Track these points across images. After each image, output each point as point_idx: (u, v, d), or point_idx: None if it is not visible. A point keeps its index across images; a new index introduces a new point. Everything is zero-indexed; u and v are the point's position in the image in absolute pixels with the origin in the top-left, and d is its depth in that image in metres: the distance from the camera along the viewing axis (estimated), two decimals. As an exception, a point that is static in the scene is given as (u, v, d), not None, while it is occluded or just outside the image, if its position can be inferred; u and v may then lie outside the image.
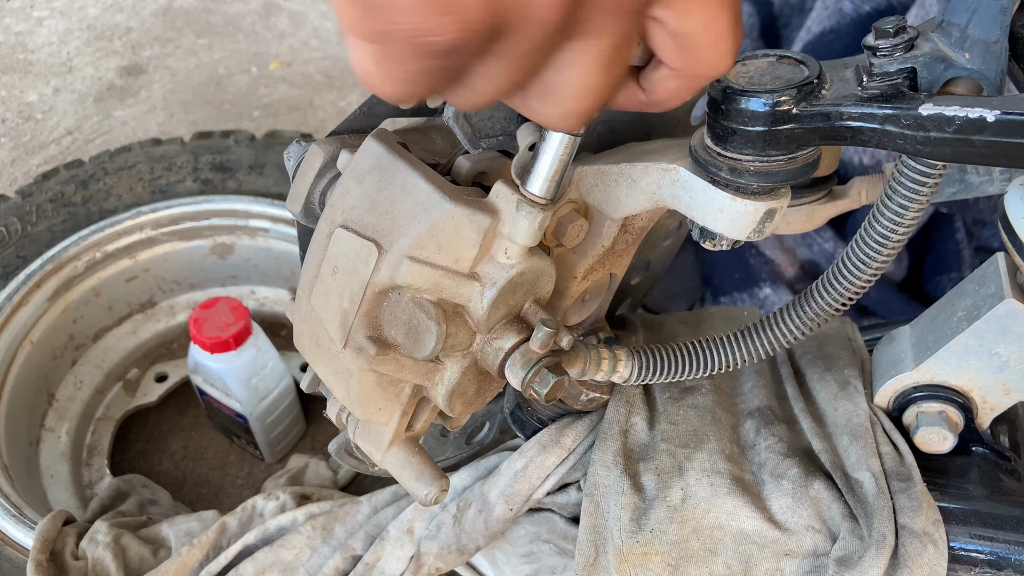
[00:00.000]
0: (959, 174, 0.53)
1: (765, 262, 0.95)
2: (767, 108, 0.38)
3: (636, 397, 0.55)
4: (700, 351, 0.49)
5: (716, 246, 0.44)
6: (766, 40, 1.07)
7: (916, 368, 0.52)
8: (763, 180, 0.40)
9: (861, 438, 0.52)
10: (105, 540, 0.63)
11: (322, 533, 0.59)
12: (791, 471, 0.50)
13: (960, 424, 0.52)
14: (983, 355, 0.49)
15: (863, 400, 0.54)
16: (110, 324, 0.96)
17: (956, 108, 0.35)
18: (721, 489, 0.50)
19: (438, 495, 0.45)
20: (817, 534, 0.49)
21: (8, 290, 0.85)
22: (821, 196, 0.55)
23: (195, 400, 0.91)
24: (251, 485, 0.88)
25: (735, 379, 0.59)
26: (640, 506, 0.50)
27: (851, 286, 0.45)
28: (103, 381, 0.93)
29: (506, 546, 0.58)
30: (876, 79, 0.38)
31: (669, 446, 0.53)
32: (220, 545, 0.61)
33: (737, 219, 0.41)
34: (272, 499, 0.64)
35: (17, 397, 0.84)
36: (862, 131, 0.38)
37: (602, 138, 0.51)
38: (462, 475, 0.57)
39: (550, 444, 0.53)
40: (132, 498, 0.75)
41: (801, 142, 0.39)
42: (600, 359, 0.47)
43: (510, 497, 0.53)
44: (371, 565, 0.56)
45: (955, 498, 0.51)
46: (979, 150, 0.35)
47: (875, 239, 0.43)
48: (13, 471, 0.78)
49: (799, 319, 0.47)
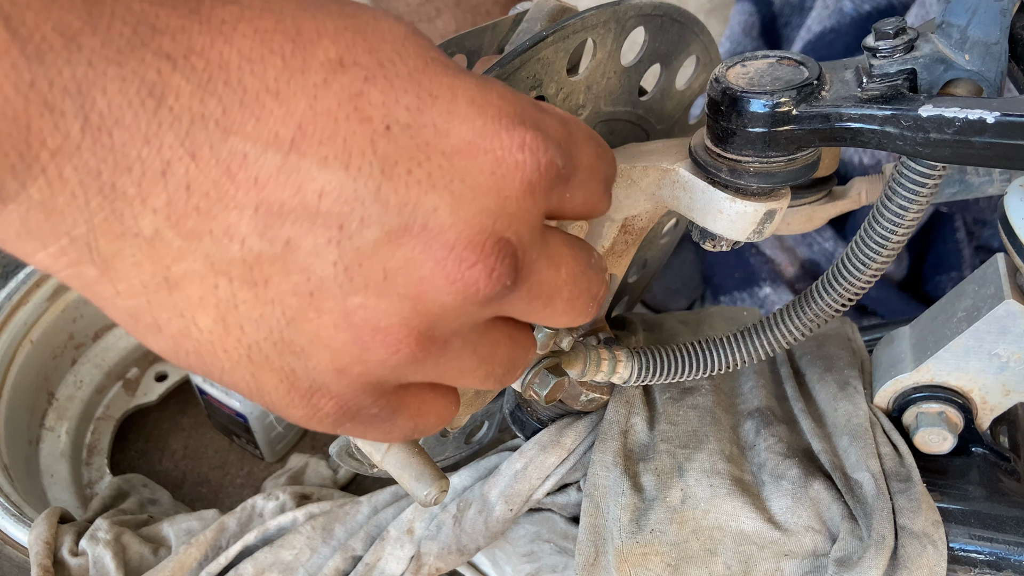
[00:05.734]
0: (959, 175, 0.53)
1: (765, 261, 0.95)
2: (767, 109, 0.38)
3: (636, 398, 0.55)
4: (700, 352, 0.49)
5: (716, 247, 0.44)
6: (766, 39, 1.07)
7: (916, 369, 0.52)
8: (763, 181, 0.40)
9: (861, 439, 0.52)
10: (106, 538, 0.63)
11: (322, 533, 0.59)
12: (791, 472, 0.50)
13: (960, 425, 0.52)
14: (983, 356, 0.49)
15: (863, 401, 0.54)
16: (110, 323, 0.96)
17: (956, 110, 0.35)
18: (721, 490, 0.50)
19: (438, 496, 0.44)
20: (817, 535, 0.49)
21: (8, 289, 0.85)
22: (821, 197, 0.55)
23: (195, 399, 0.91)
24: (251, 484, 0.88)
25: (735, 379, 0.59)
26: (640, 506, 0.50)
27: (851, 287, 0.45)
28: (103, 380, 0.93)
29: (507, 545, 0.58)
30: (876, 80, 0.38)
31: (669, 447, 0.53)
32: (219, 545, 0.61)
33: (737, 220, 0.41)
34: (272, 499, 0.64)
35: (17, 396, 0.84)
36: (862, 132, 0.38)
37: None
38: (462, 475, 0.57)
39: (550, 445, 0.53)
40: (132, 497, 0.75)
41: (801, 143, 0.39)
42: (600, 360, 0.47)
43: (510, 497, 0.53)
44: (371, 565, 0.56)
45: (955, 499, 0.51)
46: (979, 152, 0.35)
47: (875, 240, 0.43)
48: (13, 470, 0.78)
49: (799, 320, 0.47)
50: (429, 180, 0.25)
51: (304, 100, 0.24)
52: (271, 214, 0.24)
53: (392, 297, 0.26)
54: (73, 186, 0.23)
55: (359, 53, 0.25)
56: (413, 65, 0.26)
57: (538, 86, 0.44)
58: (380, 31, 0.26)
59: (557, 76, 0.44)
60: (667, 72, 0.52)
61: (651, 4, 0.47)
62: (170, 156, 0.23)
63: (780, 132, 0.38)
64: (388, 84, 0.25)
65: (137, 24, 0.22)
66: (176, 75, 0.23)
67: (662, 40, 0.49)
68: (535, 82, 0.43)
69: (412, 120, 0.25)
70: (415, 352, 0.27)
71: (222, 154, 0.23)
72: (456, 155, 0.26)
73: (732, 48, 1.05)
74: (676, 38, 0.50)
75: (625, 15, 0.46)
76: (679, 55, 0.51)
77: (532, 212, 0.27)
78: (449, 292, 0.26)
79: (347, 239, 0.25)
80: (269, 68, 0.24)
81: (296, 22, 0.24)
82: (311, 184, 0.24)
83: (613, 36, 0.46)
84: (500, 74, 0.41)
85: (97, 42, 0.22)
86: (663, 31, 0.49)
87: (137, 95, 0.22)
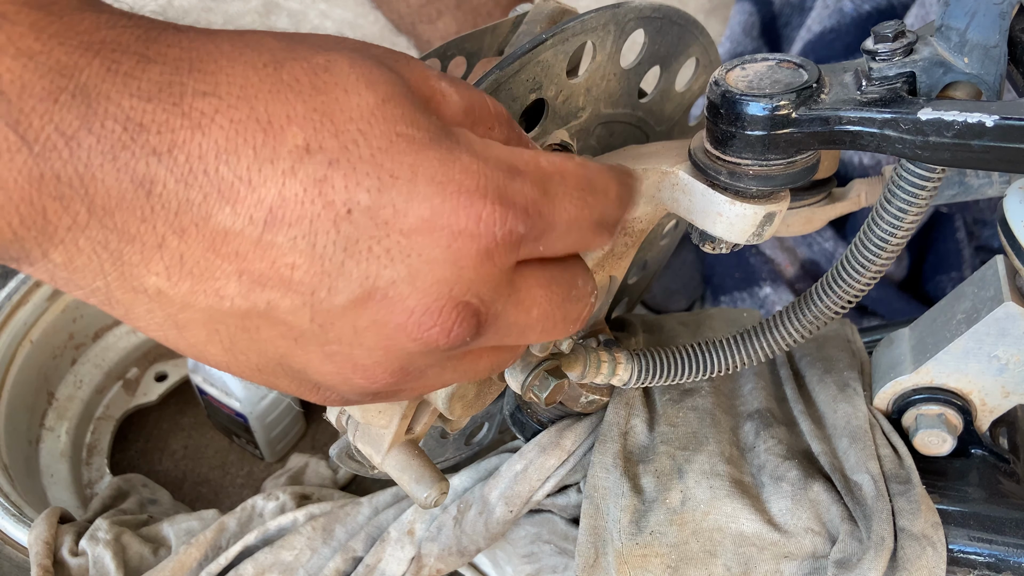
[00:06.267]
0: (958, 176, 0.53)
1: (765, 261, 0.95)
2: (766, 112, 0.38)
3: (636, 399, 0.55)
4: (700, 354, 0.49)
5: (715, 249, 0.44)
6: (766, 39, 1.07)
7: (915, 370, 0.52)
8: (762, 184, 0.40)
9: (860, 440, 0.52)
10: (106, 538, 0.63)
11: (322, 534, 0.59)
12: (790, 473, 0.50)
13: (959, 426, 0.52)
14: (982, 358, 0.49)
15: (862, 402, 0.54)
16: (110, 323, 0.95)
17: (955, 113, 0.35)
18: (720, 491, 0.50)
19: (438, 498, 0.45)
20: (816, 536, 0.49)
21: (8, 289, 0.85)
22: (820, 199, 0.55)
23: (195, 399, 0.91)
24: (251, 484, 0.88)
25: (735, 381, 0.59)
26: (640, 508, 0.51)
27: (851, 289, 0.45)
28: (103, 380, 0.93)
29: (507, 546, 0.58)
30: (875, 83, 0.38)
31: (669, 448, 0.53)
32: (219, 545, 0.61)
33: (736, 223, 0.41)
34: (272, 499, 0.64)
35: (17, 396, 0.84)
36: (861, 135, 0.38)
37: (601, 140, 0.51)
38: (462, 477, 0.58)
39: (550, 446, 0.53)
40: (132, 497, 0.75)
41: (800, 146, 0.39)
42: (600, 362, 0.47)
43: (510, 499, 0.53)
44: (371, 566, 0.56)
45: (954, 500, 0.51)
46: (978, 155, 0.36)
47: (874, 242, 0.43)
48: (13, 470, 0.78)
49: (799, 322, 0.47)
50: (387, 256, 0.28)
51: (274, 187, 0.27)
52: (252, 281, 0.28)
53: (365, 347, 0.30)
54: (88, 253, 0.26)
55: (324, 137, 0.27)
56: (376, 145, 0.28)
57: (538, 89, 0.44)
58: (348, 109, 0.28)
59: (557, 79, 0.44)
60: (666, 74, 0.52)
61: (650, 6, 0.47)
62: (164, 232, 0.26)
63: (779, 135, 0.38)
64: (351, 168, 0.28)
65: (127, 121, 0.25)
66: (162, 168, 0.26)
67: (661, 42, 0.49)
68: (535, 85, 0.43)
69: (372, 202, 0.28)
70: (392, 383, 0.31)
71: (206, 232, 0.27)
72: (413, 233, 0.28)
73: (732, 48, 1.05)
74: (675, 40, 0.50)
75: (625, 18, 0.46)
76: (678, 57, 0.51)
77: (492, 274, 0.30)
78: (414, 346, 0.30)
79: (318, 303, 0.28)
80: (242, 159, 0.27)
81: (268, 109, 0.27)
82: (283, 259, 0.27)
83: (613, 39, 0.46)
84: (499, 77, 0.41)
85: (93, 140, 0.25)
86: (662, 33, 0.49)
87: (130, 184, 0.26)
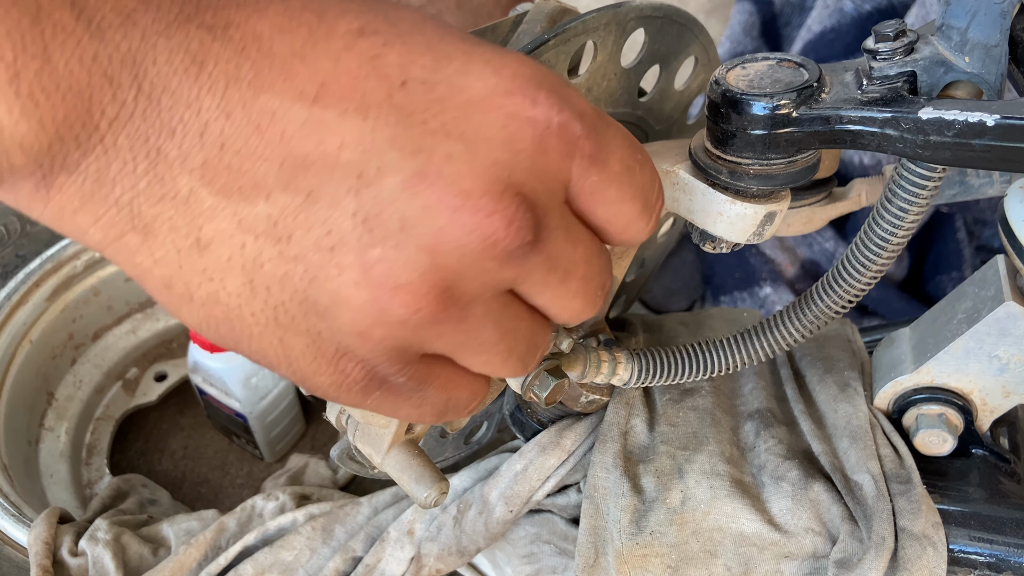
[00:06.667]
0: (959, 176, 0.52)
1: (765, 261, 0.95)
2: (767, 112, 0.38)
3: (636, 399, 0.55)
4: (700, 353, 0.49)
5: (716, 249, 0.44)
6: (767, 39, 1.07)
7: (916, 370, 0.52)
8: (763, 183, 0.40)
9: (861, 440, 0.52)
10: (105, 538, 0.63)
11: (322, 534, 0.59)
12: (791, 473, 0.50)
13: (960, 426, 0.52)
14: (983, 357, 0.49)
15: (863, 402, 0.54)
16: (109, 323, 0.95)
17: (956, 112, 0.35)
18: (721, 491, 0.50)
19: (438, 498, 0.44)
20: (817, 536, 0.49)
21: (7, 289, 0.85)
22: (821, 198, 0.55)
23: (195, 400, 0.91)
24: (251, 484, 0.88)
25: (735, 381, 0.59)
26: (640, 508, 0.50)
27: (851, 288, 0.45)
28: (102, 380, 0.93)
29: (507, 546, 0.58)
30: (876, 83, 0.38)
31: (669, 448, 0.53)
32: (219, 545, 0.61)
33: (736, 222, 0.41)
34: (272, 499, 0.64)
35: (16, 396, 0.84)
36: (862, 135, 0.38)
37: (602, 140, 0.51)
38: (462, 476, 0.57)
39: (550, 446, 0.53)
40: (132, 497, 0.75)
41: (801, 145, 0.39)
42: (600, 362, 0.47)
43: (510, 499, 0.53)
44: (371, 567, 0.56)
45: (955, 500, 0.51)
46: (979, 154, 0.35)
47: (875, 241, 0.43)
48: (12, 470, 0.78)
49: (799, 322, 0.47)
50: (443, 129, 0.27)
51: (327, 62, 0.26)
52: (295, 166, 0.26)
53: (410, 249, 0.26)
54: (124, 153, 0.26)
55: (379, 24, 0.27)
56: (431, 35, 0.28)
57: (538, 88, 0.44)
58: (400, 12, 0.28)
59: (557, 78, 0.44)
60: (666, 73, 0.52)
61: (651, 6, 0.47)
62: (208, 117, 0.26)
63: (780, 134, 0.38)
64: (405, 48, 0.27)
65: (184, 2, 0.25)
66: (216, 44, 0.26)
67: (661, 41, 0.49)
68: (535, 84, 0.43)
69: (428, 77, 0.27)
70: (435, 312, 0.27)
71: (253, 112, 0.26)
72: (470, 108, 0.27)
73: (732, 48, 1.05)
74: (675, 39, 0.50)
75: (626, 17, 0.46)
76: (678, 56, 0.51)
77: (548, 172, 0.28)
78: (467, 242, 0.26)
79: (365, 187, 0.26)
80: (297, 37, 0.26)
81: (322, 2, 0.27)
82: (332, 136, 0.26)
83: (614, 38, 0.46)
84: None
85: (149, 18, 0.25)
86: (663, 32, 0.49)
87: (182, 63, 0.25)
